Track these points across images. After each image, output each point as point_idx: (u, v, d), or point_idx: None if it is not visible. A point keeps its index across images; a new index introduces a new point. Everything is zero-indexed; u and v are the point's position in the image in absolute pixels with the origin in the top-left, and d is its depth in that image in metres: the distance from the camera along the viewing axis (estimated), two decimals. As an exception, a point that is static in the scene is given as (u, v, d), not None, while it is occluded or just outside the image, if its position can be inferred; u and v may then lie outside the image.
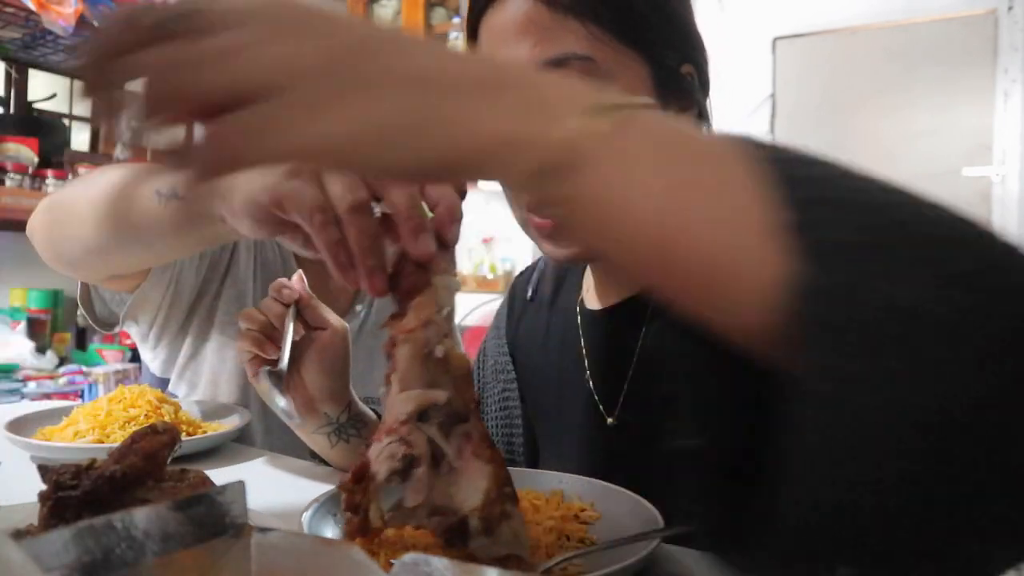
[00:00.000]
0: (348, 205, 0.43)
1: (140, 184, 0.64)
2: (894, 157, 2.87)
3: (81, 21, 2.00)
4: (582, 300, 0.81)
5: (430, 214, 0.45)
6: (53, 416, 0.85)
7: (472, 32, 0.68)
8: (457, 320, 3.02)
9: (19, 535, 0.39)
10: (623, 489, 0.59)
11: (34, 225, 0.81)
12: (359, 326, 1.18)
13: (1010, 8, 2.68)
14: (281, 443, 1.06)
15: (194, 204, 0.54)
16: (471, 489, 0.42)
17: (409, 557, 0.29)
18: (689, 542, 0.55)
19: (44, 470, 0.45)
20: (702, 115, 0.70)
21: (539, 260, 0.93)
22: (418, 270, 0.44)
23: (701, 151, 0.32)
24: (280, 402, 0.69)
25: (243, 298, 1.06)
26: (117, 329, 0.99)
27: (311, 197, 0.44)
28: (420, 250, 0.43)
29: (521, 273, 0.96)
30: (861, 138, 2.94)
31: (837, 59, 2.92)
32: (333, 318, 0.71)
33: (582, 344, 0.78)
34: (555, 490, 0.62)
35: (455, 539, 0.42)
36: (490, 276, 3.47)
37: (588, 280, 0.82)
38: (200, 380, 1.06)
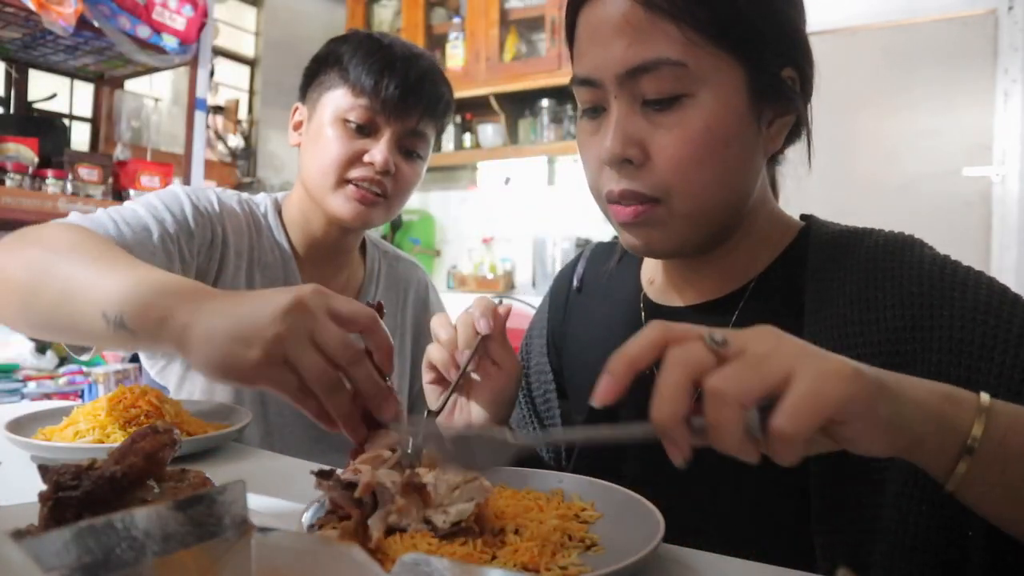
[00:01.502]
0: (324, 388, 0.54)
1: (87, 296, 0.66)
2: (894, 157, 2.87)
3: (81, 21, 1.99)
4: (646, 296, 0.79)
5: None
6: (53, 416, 0.85)
7: (570, 25, 0.68)
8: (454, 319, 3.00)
9: (19, 535, 0.39)
10: (623, 488, 0.59)
11: None
12: None
13: (1010, 8, 2.68)
14: (281, 443, 1.06)
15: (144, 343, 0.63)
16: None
17: (409, 557, 0.29)
18: (691, 542, 0.55)
19: (44, 470, 0.45)
20: (801, 121, 0.68)
21: (584, 250, 0.93)
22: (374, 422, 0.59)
23: None
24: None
25: None
26: (89, 354, 0.94)
27: (293, 382, 0.55)
28: (386, 415, 0.58)
29: (563, 269, 0.94)
30: (861, 138, 2.94)
31: (837, 59, 2.92)
32: (513, 359, 0.73)
33: None
34: (555, 489, 0.62)
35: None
36: (490, 276, 3.47)
37: (653, 274, 0.80)
38: (196, 390, 1.06)
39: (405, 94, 1.03)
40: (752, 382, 0.41)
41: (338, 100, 1.05)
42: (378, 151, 1.03)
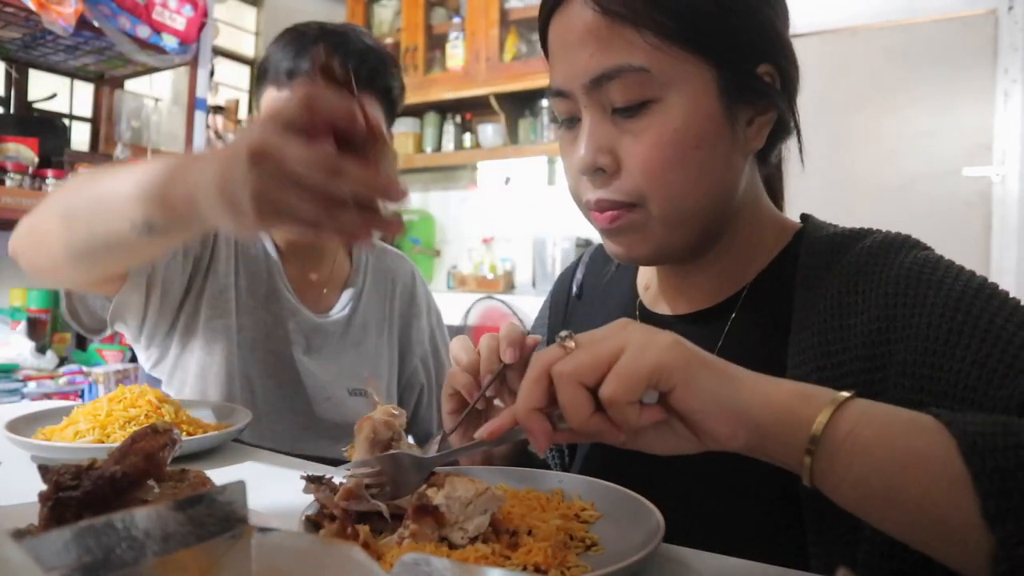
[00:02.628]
0: (324, 212, 0.51)
1: (112, 207, 0.67)
2: (894, 157, 2.87)
3: (81, 21, 1.99)
4: (642, 303, 0.78)
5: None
6: (53, 416, 0.85)
7: (542, 36, 0.69)
8: (458, 320, 3.01)
9: (19, 535, 0.39)
10: (623, 488, 0.59)
11: (16, 248, 0.84)
12: (347, 318, 1.18)
13: (1010, 8, 2.68)
14: (270, 432, 1.07)
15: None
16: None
17: (409, 557, 0.29)
18: (691, 542, 0.55)
19: (44, 470, 0.45)
20: (783, 118, 0.66)
21: (582, 255, 0.92)
22: None
23: (908, 426, 0.45)
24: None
25: (225, 292, 1.08)
26: (105, 333, 1.02)
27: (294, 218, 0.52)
28: (395, 199, 0.52)
29: (563, 273, 0.94)
30: (861, 138, 2.94)
31: (837, 59, 2.92)
32: None
33: None
34: (555, 490, 0.62)
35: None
36: (490, 276, 3.47)
37: (649, 280, 0.79)
38: (188, 377, 1.07)
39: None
40: (585, 361, 0.46)
41: (268, 100, 1.07)
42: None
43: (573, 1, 0.63)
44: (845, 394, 0.46)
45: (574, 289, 0.88)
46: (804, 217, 0.75)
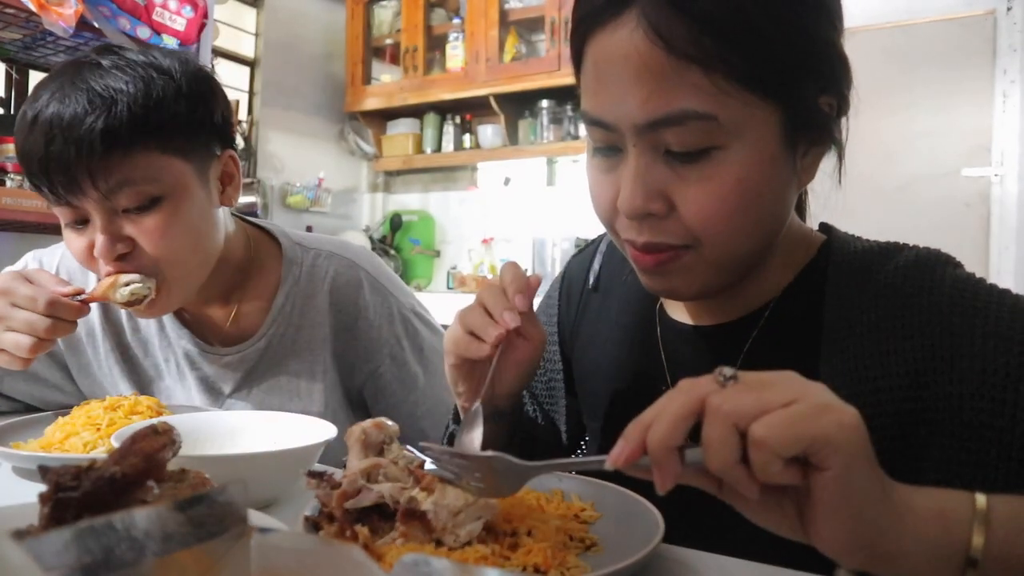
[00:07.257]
0: None
1: None
2: (893, 158, 2.87)
3: (81, 22, 1.99)
4: (662, 307, 0.76)
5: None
6: (49, 421, 0.84)
7: (576, 52, 0.61)
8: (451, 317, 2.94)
9: (20, 535, 0.39)
10: (623, 489, 0.59)
11: None
12: (262, 348, 1.04)
13: (1009, 9, 2.68)
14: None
15: None
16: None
17: (409, 558, 0.29)
18: (691, 542, 0.55)
19: (44, 471, 0.45)
20: (837, 144, 0.63)
21: (599, 244, 0.87)
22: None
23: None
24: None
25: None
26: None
27: None
28: None
29: (575, 256, 0.90)
30: (861, 139, 2.92)
31: (836, 60, 2.92)
32: (540, 330, 0.69)
33: (663, 355, 0.74)
34: (555, 490, 0.62)
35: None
36: (490, 277, 3.47)
37: None
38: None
39: (65, 171, 0.79)
40: (749, 403, 0.40)
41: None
42: (96, 243, 0.83)
43: (624, 22, 0.55)
44: (981, 499, 0.43)
45: (590, 280, 0.85)
46: (825, 228, 0.72)
